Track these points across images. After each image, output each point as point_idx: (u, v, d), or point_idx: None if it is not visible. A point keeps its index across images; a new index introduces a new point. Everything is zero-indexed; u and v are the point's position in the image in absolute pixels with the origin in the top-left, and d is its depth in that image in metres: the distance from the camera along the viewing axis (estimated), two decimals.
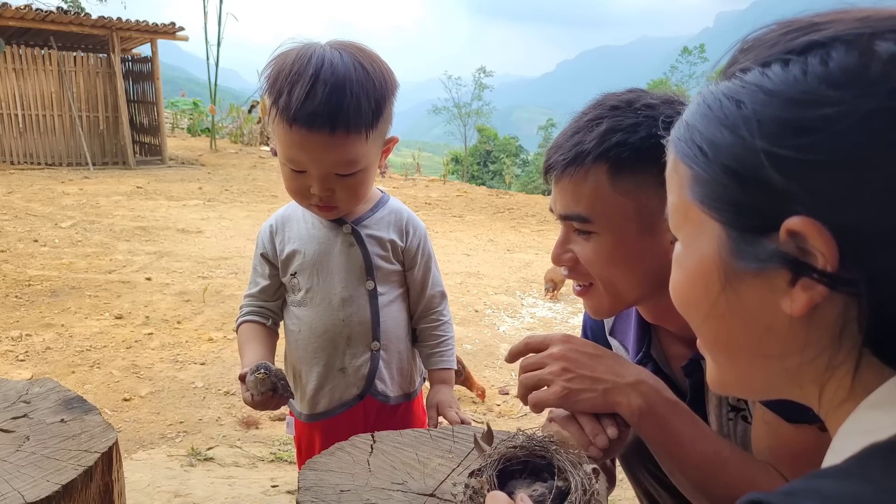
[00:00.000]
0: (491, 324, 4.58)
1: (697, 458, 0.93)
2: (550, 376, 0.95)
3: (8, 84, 10.58)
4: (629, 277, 1.03)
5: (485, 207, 9.62)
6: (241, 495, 2.32)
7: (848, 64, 0.48)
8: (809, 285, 0.49)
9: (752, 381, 0.60)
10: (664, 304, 1.07)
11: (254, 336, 1.42)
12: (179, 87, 30.54)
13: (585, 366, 0.95)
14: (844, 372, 0.51)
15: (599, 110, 1.00)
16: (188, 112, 17.72)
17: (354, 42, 1.27)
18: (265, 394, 1.21)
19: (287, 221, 1.43)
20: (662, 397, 0.94)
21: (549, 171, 1.04)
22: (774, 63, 0.51)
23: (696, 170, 0.55)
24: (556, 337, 1.00)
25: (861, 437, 0.48)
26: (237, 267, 5.47)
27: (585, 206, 1.00)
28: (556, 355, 0.96)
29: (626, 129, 0.96)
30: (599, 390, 0.93)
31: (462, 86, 46.66)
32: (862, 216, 0.47)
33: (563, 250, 1.06)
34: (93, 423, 1.11)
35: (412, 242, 1.42)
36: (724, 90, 0.54)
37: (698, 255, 0.58)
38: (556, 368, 0.95)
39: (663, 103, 0.98)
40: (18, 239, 5.95)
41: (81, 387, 3.23)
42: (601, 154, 0.97)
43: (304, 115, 1.16)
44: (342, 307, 1.37)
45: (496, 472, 0.85)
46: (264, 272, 1.44)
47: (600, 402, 0.94)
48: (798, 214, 0.48)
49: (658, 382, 0.96)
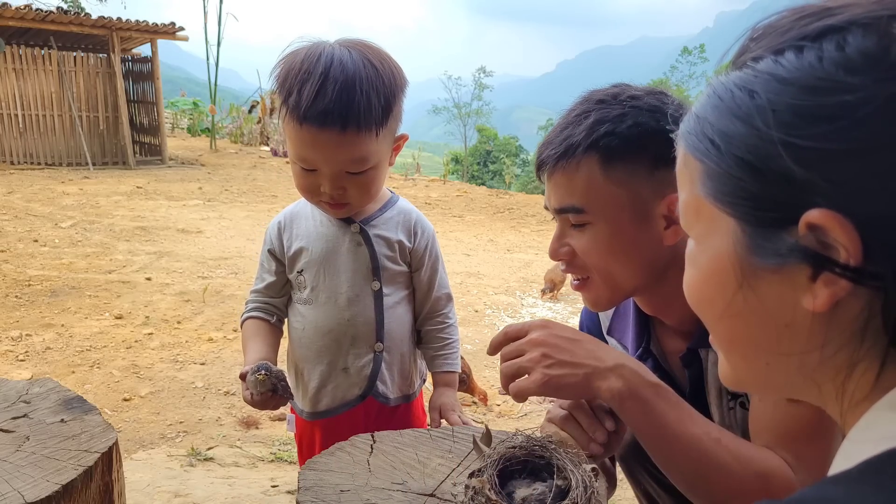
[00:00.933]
0: (491, 324, 4.58)
1: (686, 441, 0.91)
2: (530, 364, 0.94)
3: (8, 84, 10.58)
4: (626, 266, 1.03)
5: (485, 207, 9.62)
6: (241, 495, 2.32)
7: (866, 48, 0.46)
8: (832, 280, 0.47)
9: (769, 379, 0.57)
10: (661, 294, 1.08)
11: (257, 333, 1.41)
12: (179, 87, 30.54)
13: (565, 350, 0.93)
14: (863, 370, 0.49)
15: (586, 105, 1.02)
16: (188, 112, 17.73)
17: (363, 40, 1.27)
18: (264, 394, 1.22)
19: (295, 218, 1.43)
20: (644, 380, 0.93)
21: (542, 166, 1.05)
22: (788, 50, 0.49)
23: (707, 164, 0.53)
24: (535, 323, 0.99)
25: (876, 441, 0.46)
26: (237, 267, 5.47)
27: (579, 198, 1.01)
28: (535, 341, 0.95)
29: (613, 119, 0.98)
30: (580, 375, 0.92)
31: (462, 86, 46.70)
32: (887, 206, 0.45)
33: (559, 244, 1.07)
34: (93, 423, 1.11)
35: (420, 244, 1.42)
36: (735, 80, 0.52)
37: (712, 251, 0.55)
38: (536, 355, 0.94)
39: (647, 94, 1.01)
40: (18, 239, 5.95)
41: (81, 387, 3.23)
42: (591, 144, 0.98)
43: (315, 114, 1.16)
44: (348, 307, 1.37)
45: (496, 472, 0.85)
46: (271, 268, 1.44)
47: (581, 387, 0.92)
48: (818, 206, 0.46)
49: (639, 366, 0.95)
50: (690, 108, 0.58)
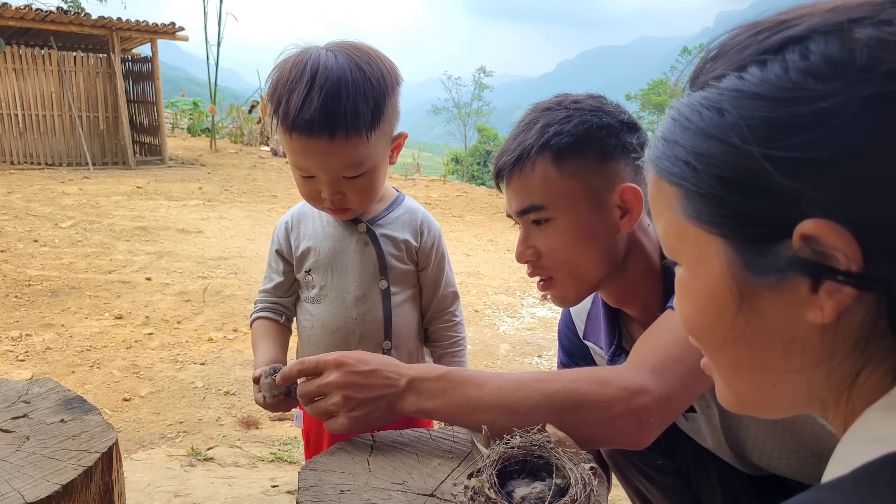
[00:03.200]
0: (491, 324, 4.58)
1: (495, 394, 0.94)
2: (334, 408, 0.99)
3: (8, 84, 10.58)
4: (588, 256, 1.09)
5: (485, 207, 9.62)
6: (241, 495, 2.32)
7: (830, 53, 0.46)
8: (835, 289, 0.46)
9: (776, 401, 0.55)
10: (623, 283, 1.14)
11: (267, 333, 1.42)
12: (179, 87, 30.55)
13: (363, 387, 0.98)
14: (868, 374, 0.48)
15: (534, 114, 1.11)
16: (188, 112, 17.72)
17: (353, 41, 1.27)
18: (277, 396, 1.22)
19: (303, 218, 1.44)
20: (431, 378, 0.98)
21: (500, 174, 1.12)
22: (751, 65, 0.49)
23: (686, 186, 0.52)
24: (329, 362, 1.01)
25: (871, 444, 0.45)
26: (237, 267, 5.47)
27: (538, 195, 1.07)
28: (333, 384, 0.99)
29: (560, 121, 1.06)
30: (383, 406, 0.98)
31: (462, 86, 46.66)
32: (881, 207, 0.44)
33: (525, 247, 1.12)
34: (93, 423, 1.11)
35: (426, 243, 1.43)
36: (700, 101, 0.51)
37: (705, 276, 0.54)
38: (338, 399, 0.99)
39: (587, 98, 1.10)
40: (18, 239, 5.95)
41: (81, 387, 3.23)
42: (543, 145, 1.05)
43: (302, 123, 1.17)
44: (355, 305, 1.38)
45: (495, 472, 0.86)
46: (279, 268, 1.45)
47: (388, 415, 0.99)
48: (809, 216, 0.45)
49: (425, 368, 1.01)
50: (654, 133, 0.58)
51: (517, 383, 0.95)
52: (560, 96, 1.13)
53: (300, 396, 1.05)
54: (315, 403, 1.02)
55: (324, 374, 1.01)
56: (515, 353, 4.06)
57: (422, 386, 0.98)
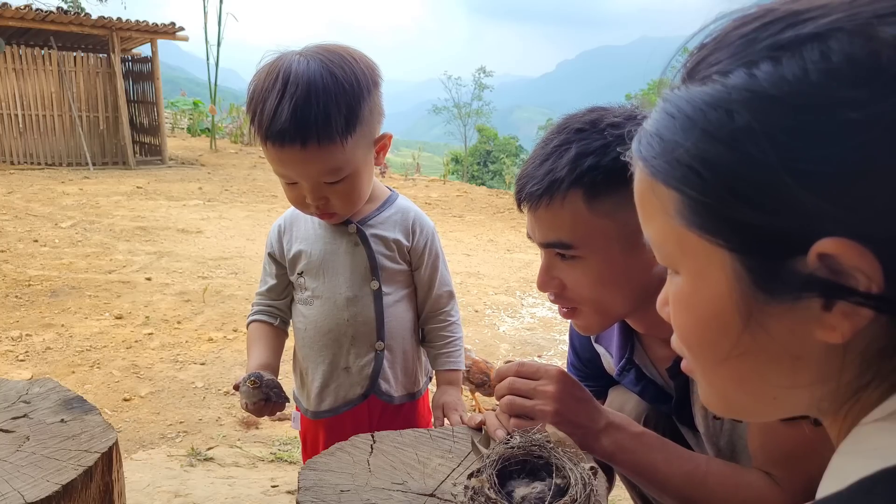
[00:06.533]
0: (491, 324, 4.58)
1: (678, 478, 0.99)
2: (540, 415, 1.01)
3: (8, 84, 10.58)
4: (618, 295, 1.02)
5: (485, 207, 9.62)
6: (241, 495, 2.32)
7: (855, 55, 0.41)
8: (852, 310, 0.43)
9: (773, 410, 0.54)
10: (652, 313, 1.09)
11: (260, 337, 1.44)
12: (179, 87, 30.54)
13: (572, 411, 1.01)
14: (872, 389, 0.47)
15: (565, 135, 0.98)
16: (188, 112, 17.71)
17: (328, 44, 1.25)
18: (258, 403, 1.26)
19: (295, 221, 1.45)
20: (629, 433, 1.01)
21: (523, 202, 1.02)
22: (762, 62, 0.44)
23: (688, 192, 0.47)
24: (552, 372, 1.03)
25: (867, 453, 0.44)
26: (237, 267, 5.47)
27: (567, 233, 0.98)
28: (551, 394, 1.01)
29: (595, 151, 0.94)
30: (579, 435, 1.00)
31: (462, 86, 46.69)
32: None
33: (548, 277, 1.04)
34: (93, 423, 1.12)
35: (419, 242, 1.42)
36: (703, 97, 0.46)
37: (709, 292, 0.50)
38: (549, 409, 1.00)
39: (627, 119, 0.96)
40: (18, 239, 5.95)
41: (81, 387, 3.23)
42: (575, 180, 0.95)
43: (274, 133, 1.17)
44: (347, 307, 1.38)
45: (495, 472, 0.86)
46: (272, 271, 1.46)
47: (577, 444, 1.00)
48: (829, 234, 0.42)
49: (625, 420, 1.03)
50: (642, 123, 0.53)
51: (703, 477, 0.98)
52: (595, 112, 1.00)
53: (510, 387, 1.05)
54: (519, 401, 1.03)
55: (542, 380, 1.03)
56: (515, 353, 4.06)
57: (618, 435, 1.01)
